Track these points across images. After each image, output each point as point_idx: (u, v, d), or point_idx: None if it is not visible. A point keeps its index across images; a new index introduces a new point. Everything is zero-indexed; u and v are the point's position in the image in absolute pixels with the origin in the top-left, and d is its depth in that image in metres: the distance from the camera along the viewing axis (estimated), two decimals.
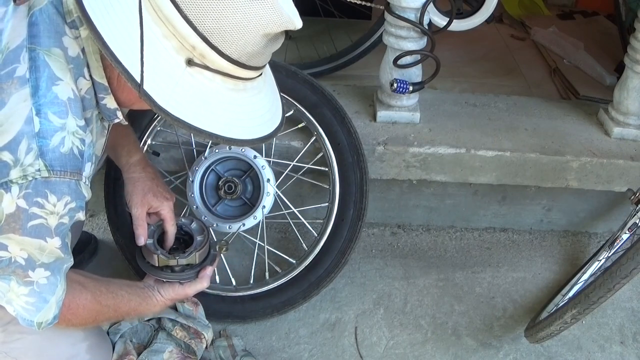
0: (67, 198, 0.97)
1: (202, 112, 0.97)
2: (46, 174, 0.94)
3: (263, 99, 1.08)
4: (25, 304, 1.03)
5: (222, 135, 0.99)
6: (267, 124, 1.09)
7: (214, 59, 0.95)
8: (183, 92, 0.95)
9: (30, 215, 0.95)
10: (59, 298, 1.06)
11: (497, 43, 2.74)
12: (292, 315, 1.67)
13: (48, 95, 0.94)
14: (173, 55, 0.93)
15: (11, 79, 0.94)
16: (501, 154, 1.76)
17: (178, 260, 1.35)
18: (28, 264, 0.99)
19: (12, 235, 0.96)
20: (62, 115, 0.96)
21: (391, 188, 1.92)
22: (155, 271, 1.35)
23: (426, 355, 1.62)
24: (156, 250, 1.36)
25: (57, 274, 1.04)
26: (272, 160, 1.67)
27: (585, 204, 1.97)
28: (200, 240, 1.41)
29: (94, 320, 1.21)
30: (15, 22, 0.96)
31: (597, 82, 2.39)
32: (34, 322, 1.05)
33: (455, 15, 1.66)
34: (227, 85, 0.99)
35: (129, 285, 1.30)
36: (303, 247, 1.72)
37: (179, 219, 1.43)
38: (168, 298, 1.34)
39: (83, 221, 1.14)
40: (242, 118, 1.03)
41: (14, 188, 0.93)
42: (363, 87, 1.97)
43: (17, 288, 1.01)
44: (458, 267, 1.88)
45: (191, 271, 1.38)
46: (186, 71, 0.94)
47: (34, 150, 0.93)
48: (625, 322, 1.73)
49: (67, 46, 0.98)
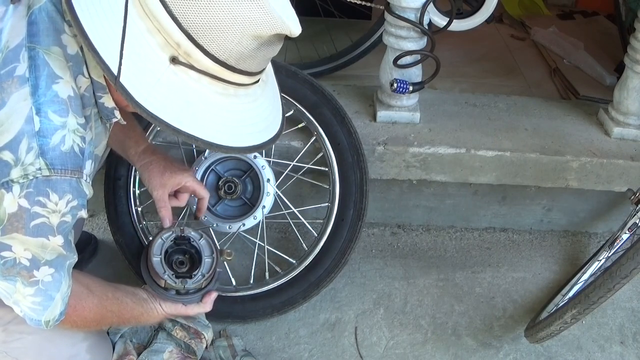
0: (68, 196, 0.97)
1: (185, 114, 0.95)
2: (47, 173, 0.94)
3: (257, 108, 1.05)
4: (32, 304, 1.03)
5: (203, 138, 0.96)
6: (259, 133, 1.06)
7: (199, 58, 0.92)
8: (165, 90, 0.93)
9: (32, 214, 0.95)
10: (64, 294, 1.07)
11: (497, 43, 2.74)
12: (292, 315, 1.67)
13: (48, 94, 0.94)
14: (157, 51, 0.92)
15: (11, 78, 0.94)
16: (501, 154, 1.76)
17: (185, 286, 1.33)
18: (32, 264, 0.99)
19: (16, 235, 0.96)
20: (62, 113, 0.95)
21: (391, 188, 1.92)
22: (160, 291, 1.34)
23: (426, 355, 1.62)
24: (164, 272, 1.32)
25: (61, 270, 1.04)
26: (272, 160, 1.67)
27: (585, 204, 1.97)
28: (209, 262, 1.37)
29: (98, 324, 1.22)
30: (15, 21, 0.96)
31: (597, 82, 2.39)
32: (41, 322, 1.05)
33: (455, 15, 1.66)
34: (215, 88, 0.96)
35: (133, 294, 1.30)
36: (303, 247, 1.72)
37: (188, 230, 1.39)
38: (168, 313, 1.34)
39: (85, 219, 1.14)
40: (231, 125, 1.00)
41: (15, 187, 0.93)
42: (363, 87, 1.97)
43: (22, 289, 1.01)
44: (458, 267, 1.88)
45: (196, 294, 1.37)
46: (169, 69, 0.92)
47: (34, 149, 0.93)
48: (625, 322, 1.73)
49: (66, 44, 0.97)
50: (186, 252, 1.40)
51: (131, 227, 1.67)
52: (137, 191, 1.69)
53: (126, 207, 1.67)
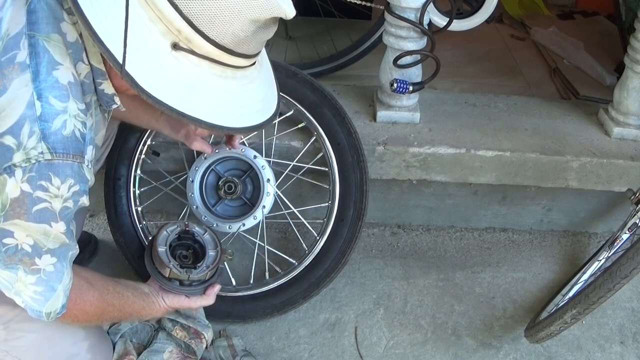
0: (70, 181, 0.98)
1: (187, 97, 0.98)
2: (49, 157, 0.95)
3: (254, 89, 1.08)
4: (33, 293, 1.03)
5: (206, 120, 1.00)
6: (257, 114, 1.09)
7: (200, 44, 0.95)
8: (168, 75, 0.95)
9: (34, 199, 0.96)
10: (66, 286, 1.07)
11: (497, 43, 2.74)
12: (292, 315, 1.68)
13: (49, 80, 0.96)
14: (158, 38, 0.94)
15: (12, 64, 0.95)
16: (501, 154, 1.76)
17: (189, 276, 1.35)
18: (34, 250, 1.00)
19: (18, 221, 0.96)
20: (63, 98, 0.97)
21: (391, 188, 1.92)
22: (164, 281, 1.35)
23: (426, 355, 1.62)
24: (169, 261, 1.34)
25: (63, 260, 1.05)
26: (272, 160, 1.67)
27: (585, 204, 1.97)
28: (213, 255, 1.40)
29: (99, 318, 1.22)
30: (14, 10, 0.98)
31: (597, 82, 2.39)
32: (42, 313, 1.05)
33: (455, 15, 1.66)
34: (214, 71, 0.99)
35: (135, 287, 1.31)
36: (303, 247, 1.72)
37: (192, 225, 1.42)
38: (171, 306, 1.35)
39: (82, 216, 1.15)
40: (230, 106, 1.03)
41: (17, 172, 0.94)
42: (363, 87, 1.97)
43: (24, 277, 1.01)
44: (458, 267, 1.88)
45: (199, 287, 1.38)
46: (171, 55, 0.95)
47: (36, 134, 0.94)
48: (625, 322, 1.73)
49: (66, 32, 0.99)
50: (189, 247, 1.42)
51: (131, 227, 1.67)
52: (137, 191, 1.69)
53: (126, 207, 1.67)
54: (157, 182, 1.75)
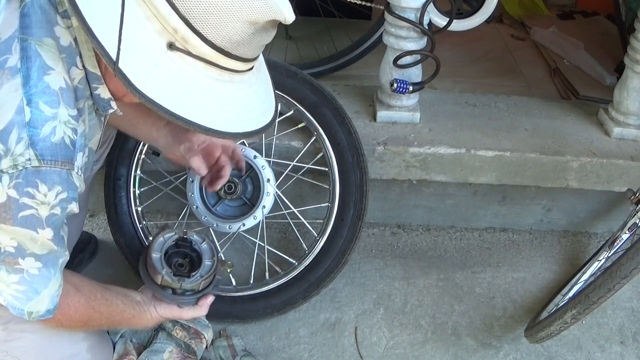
0: (58, 188, 0.97)
1: (182, 98, 0.95)
2: (37, 164, 0.94)
3: (252, 95, 1.06)
4: (15, 291, 1.02)
5: (200, 123, 0.96)
6: (255, 119, 1.07)
7: (196, 44, 0.93)
8: (162, 75, 0.93)
9: (21, 205, 0.95)
10: (54, 293, 1.06)
11: (497, 43, 2.73)
12: (292, 315, 1.68)
13: (39, 85, 0.94)
14: (154, 37, 0.92)
15: (2, 69, 0.94)
16: (501, 154, 1.76)
17: (182, 285, 1.31)
18: (18, 251, 0.99)
19: (3, 226, 0.96)
20: (53, 104, 0.95)
21: (391, 188, 1.92)
22: (156, 288, 1.31)
23: (426, 355, 1.62)
24: (162, 268, 1.30)
25: (51, 267, 1.03)
26: (272, 160, 1.67)
27: (585, 204, 1.97)
28: (208, 265, 1.35)
29: (84, 325, 1.20)
30: (7, 14, 0.97)
31: (597, 82, 2.39)
32: (24, 311, 1.04)
33: (455, 15, 1.66)
34: (210, 73, 0.97)
35: (126, 295, 1.28)
36: (303, 247, 1.72)
37: (190, 233, 1.38)
38: (162, 316, 1.32)
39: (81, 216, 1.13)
40: (227, 110, 1.01)
41: (4, 178, 0.93)
42: (363, 87, 1.97)
43: (6, 277, 1.01)
44: (458, 267, 1.88)
45: (192, 297, 1.34)
46: (167, 54, 0.93)
47: (24, 140, 0.93)
48: (625, 322, 1.73)
49: (59, 36, 0.98)
50: (187, 256, 1.38)
51: (131, 227, 1.67)
52: (137, 191, 1.69)
53: (126, 207, 1.67)
54: (157, 182, 1.75)
